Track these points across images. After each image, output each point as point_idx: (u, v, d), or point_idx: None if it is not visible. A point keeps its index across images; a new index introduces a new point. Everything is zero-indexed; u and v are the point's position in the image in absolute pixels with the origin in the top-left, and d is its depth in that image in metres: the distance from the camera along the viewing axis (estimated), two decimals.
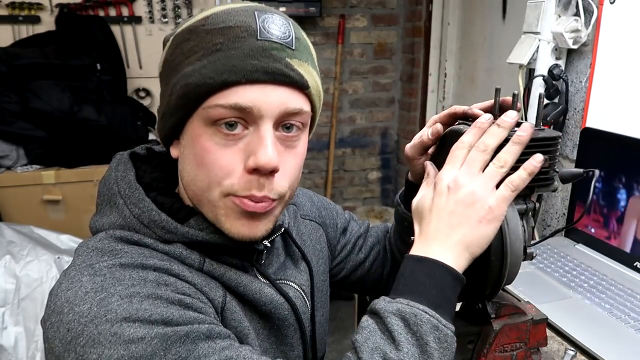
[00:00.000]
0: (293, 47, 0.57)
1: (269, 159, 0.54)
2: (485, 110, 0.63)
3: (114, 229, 0.60)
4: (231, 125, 0.55)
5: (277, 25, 0.56)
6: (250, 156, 0.55)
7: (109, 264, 0.53)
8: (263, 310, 0.64)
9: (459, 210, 0.55)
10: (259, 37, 0.55)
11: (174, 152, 0.62)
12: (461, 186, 0.56)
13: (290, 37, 0.57)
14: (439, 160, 0.68)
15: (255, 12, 0.56)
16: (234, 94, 0.54)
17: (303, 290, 0.71)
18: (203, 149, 0.56)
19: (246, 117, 0.55)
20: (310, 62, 0.60)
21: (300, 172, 0.63)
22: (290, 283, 0.70)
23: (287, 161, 0.59)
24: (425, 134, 0.68)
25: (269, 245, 0.67)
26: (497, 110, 0.66)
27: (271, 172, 0.56)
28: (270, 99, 0.55)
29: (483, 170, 0.57)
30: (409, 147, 0.71)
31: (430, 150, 0.71)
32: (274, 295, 0.65)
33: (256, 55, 0.54)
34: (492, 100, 0.63)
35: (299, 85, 0.57)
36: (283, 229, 0.70)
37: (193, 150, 0.58)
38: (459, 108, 0.65)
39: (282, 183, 0.59)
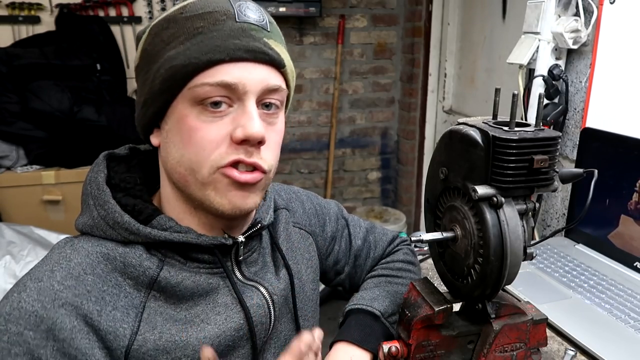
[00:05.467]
0: (268, 29, 0.61)
1: (257, 129, 0.58)
2: None
3: (86, 228, 0.62)
4: (216, 104, 0.58)
5: (251, 9, 0.61)
6: (238, 128, 0.58)
7: (34, 287, 0.55)
8: (217, 319, 0.63)
9: None
10: (237, 20, 0.59)
11: (155, 140, 0.64)
12: None
13: (265, 20, 0.61)
14: (441, 160, 0.68)
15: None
16: (218, 72, 0.57)
17: (272, 299, 0.69)
18: (190, 128, 0.58)
19: (231, 94, 0.58)
20: (283, 45, 0.64)
21: (279, 149, 0.66)
22: (261, 288, 0.69)
23: (270, 137, 0.62)
24: None
25: (242, 239, 0.66)
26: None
27: (258, 143, 0.59)
28: (252, 75, 0.58)
29: None
30: None
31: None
32: (229, 304, 0.64)
33: (237, 35, 0.58)
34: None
35: (277, 64, 0.61)
36: (260, 224, 0.70)
37: (179, 131, 0.59)
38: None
39: (268, 156, 0.62)
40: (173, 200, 0.65)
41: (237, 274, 0.67)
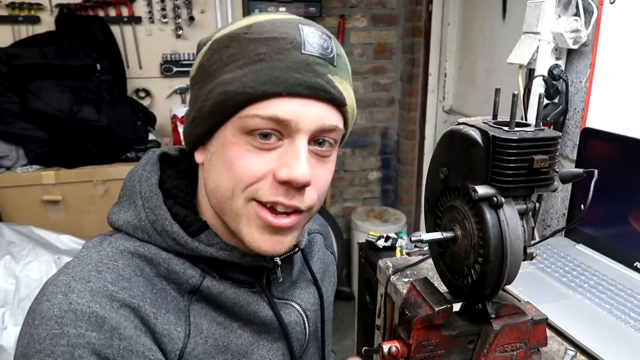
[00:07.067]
0: (335, 64, 0.57)
1: (303, 173, 0.54)
2: None
3: (128, 228, 0.60)
4: (265, 136, 0.55)
5: (320, 40, 0.56)
6: (283, 167, 0.55)
7: (84, 288, 0.53)
8: (255, 330, 0.63)
9: None
10: (303, 51, 0.54)
11: (199, 157, 0.61)
12: None
13: (333, 54, 0.57)
14: (441, 160, 0.68)
15: (300, 25, 0.56)
16: (273, 105, 0.54)
17: (306, 315, 0.69)
18: (234, 156, 0.55)
19: (282, 129, 0.55)
20: (348, 80, 0.60)
21: (327, 187, 0.62)
22: (295, 305, 0.68)
23: (319, 175, 0.59)
24: None
25: (279, 262, 0.65)
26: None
27: (302, 186, 0.56)
28: (308, 113, 0.55)
29: None
30: None
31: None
32: (267, 317, 0.64)
33: (299, 68, 0.54)
34: None
35: (337, 103, 0.57)
36: (297, 249, 0.68)
37: (222, 156, 0.57)
38: None
39: (312, 195, 0.58)
40: (215, 217, 0.62)
41: (265, 295, 0.67)
